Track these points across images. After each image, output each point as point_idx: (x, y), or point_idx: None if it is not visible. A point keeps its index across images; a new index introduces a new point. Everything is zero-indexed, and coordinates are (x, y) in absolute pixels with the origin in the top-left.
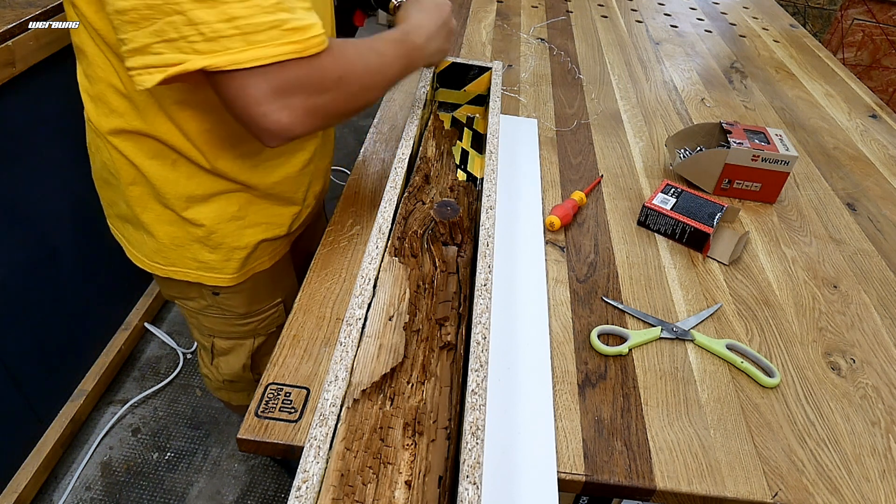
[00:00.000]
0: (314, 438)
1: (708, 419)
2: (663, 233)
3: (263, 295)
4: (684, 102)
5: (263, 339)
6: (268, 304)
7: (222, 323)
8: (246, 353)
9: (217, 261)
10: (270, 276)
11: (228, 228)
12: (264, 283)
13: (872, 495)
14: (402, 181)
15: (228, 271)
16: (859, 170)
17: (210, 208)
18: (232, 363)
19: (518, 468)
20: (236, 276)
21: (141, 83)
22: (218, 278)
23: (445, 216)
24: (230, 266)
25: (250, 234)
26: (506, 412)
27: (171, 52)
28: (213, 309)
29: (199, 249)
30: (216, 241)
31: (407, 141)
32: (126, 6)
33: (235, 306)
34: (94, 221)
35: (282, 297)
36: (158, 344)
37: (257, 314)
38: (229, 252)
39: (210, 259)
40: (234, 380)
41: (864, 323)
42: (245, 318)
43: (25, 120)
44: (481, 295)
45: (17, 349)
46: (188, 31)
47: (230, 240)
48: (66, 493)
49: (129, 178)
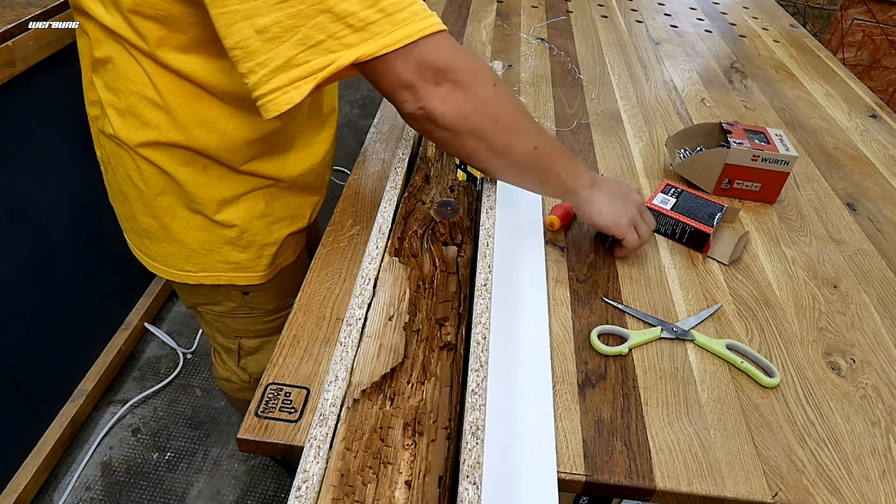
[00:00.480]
0: (314, 438)
1: (708, 419)
2: (663, 233)
3: (289, 289)
4: (684, 102)
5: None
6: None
7: (250, 322)
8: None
9: (248, 260)
10: (294, 269)
11: (258, 226)
12: (290, 277)
13: (872, 495)
14: (402, 181)
15: (259, 269)
16: (859, 170)
17: (240, 208)
18: (261, 361)
19: (518, 468)
20: (266, 274)
21: (288, 101)
22: (249, 277)
23: (445, 216)
24: (261, 263)
25: (278, 229)
26: (506, 412)
27: (320, 56)
28: (241, 310)
29: (231, 251)
30: (247, 241)
31: (407, 141)
32: (267, 22)
33: (264, 303)
34: (94, 221)
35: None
36: (158, 344)
37: (284, 309)
38: (259, 249)
39: (241, 259)
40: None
41: (864, 323)
42: (273, 314)
43: (25, 120)
44: (481, 295)
45: (17, 349)
46: (336, 28)
47: (260, 237)
48: (66, 493)
49: (157, 188)
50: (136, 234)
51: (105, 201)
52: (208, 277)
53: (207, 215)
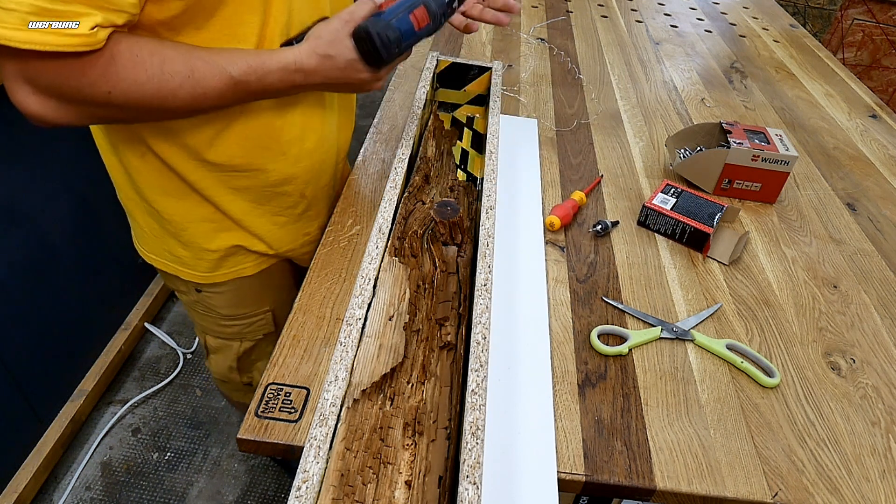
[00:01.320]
0: (314, 438)
1: (708, 419)
2: (663, 233)
3: (249, 300)
4: (684, 102)
5: (251, 344)
6: (253, 310)
7: (209, 321)
8: (232, 356)
9: (189, 258)
10: (259, 283)
11: (199, 229)
12: (251, 288)
13: (872, 495)
14: (402, 181)
15: (201, 269)
16: (859, 170)
17: (181, 206)
18: (219, 363)
19: (518, 468)
20: (211, 276)
21: None
22: (192, 274)
23: (445, 216)
24: (202, 265)
25: (224, 237)
26: (506, 412)
27: None
28: (199, 305)
29: (174, 244)
30: (186, 239)
31: (407, 141)
32: None
33: (218, 306)
34: (94, 221)
35: (270, 306)
36: (158, 344)
37: (242, 318)
38: (200, 252)
39: (183, 255)
40: (224, 380)
41: (864, 323)
42: (229, 319)
43: (26, 120)
44: (481, 295)
45: (17, 349)
46: None
47: (200, 240)
48: (66, 493)
49: (110, 162)
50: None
51: (105, 201)
52: (157, 262)
53: (148, 202)
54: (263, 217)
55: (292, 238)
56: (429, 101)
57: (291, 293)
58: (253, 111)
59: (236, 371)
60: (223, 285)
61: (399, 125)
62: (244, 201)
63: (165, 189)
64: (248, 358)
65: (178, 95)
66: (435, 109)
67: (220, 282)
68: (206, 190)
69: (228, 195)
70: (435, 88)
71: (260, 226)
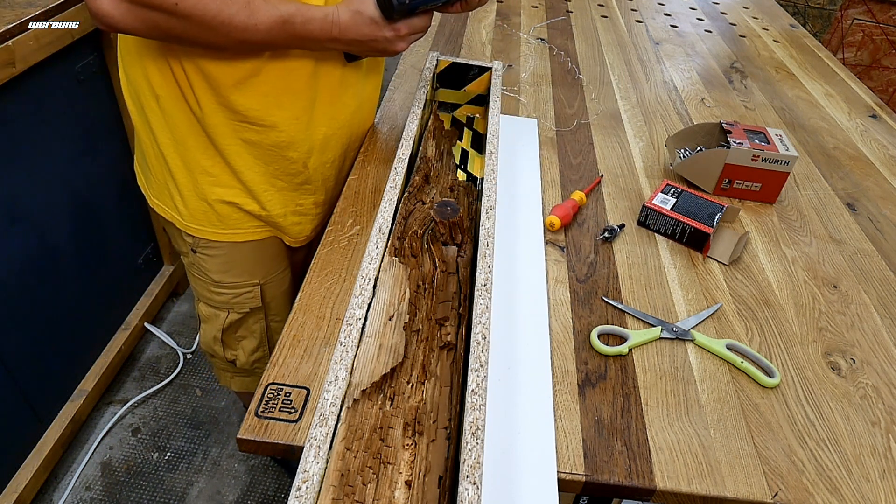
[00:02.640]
0: (314, 438)
1: (708, 419)
2: (663, 233)
3: (239, 269)
4: (684, 102)
5: (237, 316)
6: (243, 280)
7: (202, 285)
8: (219, 325)
9: (185, 208)
10: (251, 253)
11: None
12: (242, 256)
13: (872, 495)
14: (402, 181)
15: (196, 221)
16: (859, 170)
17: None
18: (207, 332)
19: (518, 468)
20: (203, 230)
21: None
22: (187, 225)
23: (445, 216)
24: (196, 216)
25: (220, 192)
26: (506, 412)
27: None
28: (194, 268)
29: (175, 191)
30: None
31: (407, 141)
32: None
33: (210, 270)
34: (94, 221)
35: (260, 279)
36: (158, 344)
37: (232, 287)
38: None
39: (180, 204)
40: (210, 353)
41: (864, 323)
42: (219, 286)
43: (25, 120)
44: (481, 295)
45: (17, 349)
46: None
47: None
48: (66, 493)
49: (134, 99)
50: (138, 147)
51: (105, 201)
52: (159, 207)
53: (158, 144)
54: (263, 176)
55: (284, 204)
56: (429, 101)
57: (282, 273)
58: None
59: (220, 343)
60: (216, 248)
61: (399, 125)
62: (249, 155)
63: (178, 129)
64: (234, 333)
65: (234, 22)
66: (435, 109)
67: (214, 240)
68: (217, 136)
69: (235, 145)
70: (435, 88)
71: (257, 183)
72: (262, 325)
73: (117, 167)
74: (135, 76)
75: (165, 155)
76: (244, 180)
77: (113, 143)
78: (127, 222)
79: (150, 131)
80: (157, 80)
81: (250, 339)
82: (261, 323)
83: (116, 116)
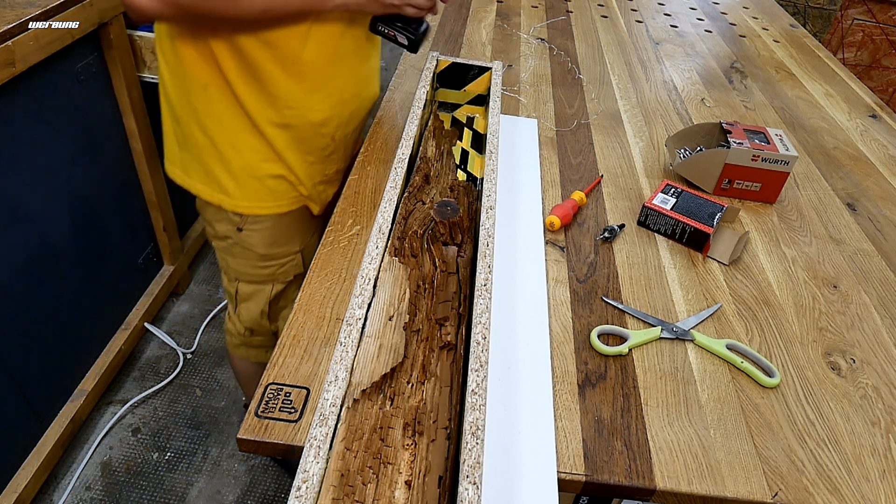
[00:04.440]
0: (314, 438)
1: (708, 419)
2: (663, 233)
3: (282, 240)
4: (684, 102)
5: (282, 286)
6: (286, 250)
7: (245, 264)
8: (265, 299)
9: (235, 187)
10: (291, 222)
11: (249, 157)
12: (284, 227)
13: (872, 495)
14: (402, 181)
15: (245, 199)
16: (859, 170)
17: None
18: (252, 309)
19: (518, 468)
20: (252, 206)
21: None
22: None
23: (445, 216)
24: (246, 194)
25: (269, 167)
26: (506, 412)
27: None
28: (237, 248)
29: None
30: (236, 166)
31: (407, 141)
32: None
33: (255, 245)
34: (94, 221)
35: (300, 247)
36: (158, 344)
37: (276, 258)
38: (246, 180)
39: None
40: (254, 328)
41: (864, 323)
42: (265, 259)
43: (25, 120)
44: (481, 295)
45: (17, 349)
46: None
47: (248, 168)
48: (66, 493)
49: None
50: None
51: (105, 201)
52: (204, 192)
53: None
54: (298, 153)
55: (313, 176)
56: (429, 101)
57: (312, 238)
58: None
59: (267, 317)
60: (262, 221)
61: (399, 125)
62: (287, 137)
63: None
64: (276, 304)
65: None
66: (435, 109)
67: (262, 215)
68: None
69: (274, 129)
70: (435, 88)
71: (294, 160)
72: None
73: (117, 167)
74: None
75: (215, 141)
76: (285, 159)
77: (113, 143)
78: (127, 222)
79: (197, 120)
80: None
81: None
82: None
83: (116, 116)
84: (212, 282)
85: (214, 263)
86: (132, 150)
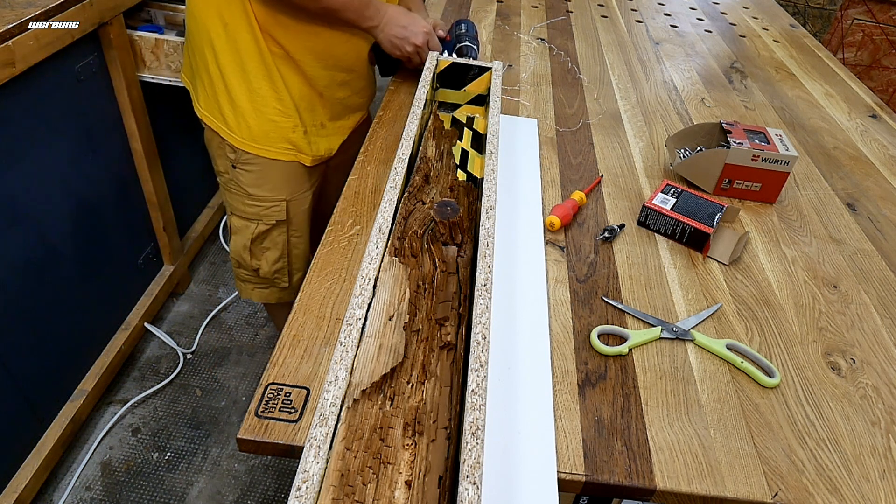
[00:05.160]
0: (314, 438)
1: (708, 419)
2: (663, 233)
3: (269, 185)
4: (684, 102)
5: (265, 227)
6: (272, 195)
7: (237, 199)
8: (249, 235)
9: (233, 118)
10: (281, 171)
11: (253, 96)
12: (274, 174)
13: (872, 495)
14: (402, 181)
15: (239, 132)
16: (859, 170)
17: (243, 76)
18: (238, 242)
19: (518, 468)
20: (244, 143)
21: None
22: (232, 137)
23: (445, 216)
24: (241, 130)
25: (268, 110)
26: (506, 412)
27: None
28: (232, 183)
29: (225, 102)
30: (237, 98)
31: (407, 141)
32: None
33: (245, 183)
34: (94, 221)
35: (286, 196)
36: (158, 344)
37: (262, 200)
38: (248, 116)
39: (229, 114)
40: (239, 262)
41: (864, 323)
42: (251, 198)
43: (25, 120)
44: (481, 295)
45: (17, 349)
46: None
47: (253, 105)
48: (66, 493)
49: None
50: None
51: (105, 201)
52: (205, 116)
53: (217, 60)
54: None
55: (304, 116)
56: (429, 101)
57: (304, 194)
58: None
59: (248, 251)
60: (253, 163)
61: (399, 125)
62: (301, 80)
63: (240, 52)
64: (260, 244)
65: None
66: (435, 109)
67: (252, 154)
68: (277, 62)
69: (291, 72)
70: (435, 88)
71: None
72: (284, 237)
73: (117, 167)
74: (205, 6)
75: (225, 74)
76: (293, 97)
77: (113, 143)
78: (127, 222)
79: (212, 50)
80: (227, 11)
81: (273, 251)
82: (283, 236)
83: (116, 116)
84: (212, 282)
85: (214, 263)
86: (132, 150)
